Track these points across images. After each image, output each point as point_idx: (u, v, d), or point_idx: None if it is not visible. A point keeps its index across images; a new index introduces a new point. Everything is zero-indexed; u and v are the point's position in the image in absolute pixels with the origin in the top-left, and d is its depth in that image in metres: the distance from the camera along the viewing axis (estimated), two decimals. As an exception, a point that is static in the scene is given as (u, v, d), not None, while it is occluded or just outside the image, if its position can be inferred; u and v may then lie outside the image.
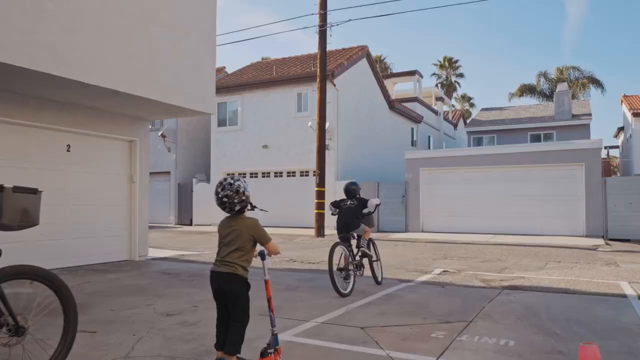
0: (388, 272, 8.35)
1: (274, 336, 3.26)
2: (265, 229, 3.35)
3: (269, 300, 3.30)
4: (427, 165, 18.12)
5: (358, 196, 7.00)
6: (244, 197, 3.23)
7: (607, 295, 6.29)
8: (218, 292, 3.21)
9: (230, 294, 3.17)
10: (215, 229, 16.31)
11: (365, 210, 6.91)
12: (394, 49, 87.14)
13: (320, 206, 16.06)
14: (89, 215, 8.86)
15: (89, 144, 8.90)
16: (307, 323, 4.64)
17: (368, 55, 23.06)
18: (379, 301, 5.71)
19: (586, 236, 15.14)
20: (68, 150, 8.57)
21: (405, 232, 17.83)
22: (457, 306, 5.47)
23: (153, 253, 10.68)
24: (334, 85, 19.67)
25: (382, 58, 49.81)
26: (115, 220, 9.34)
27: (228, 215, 3.31)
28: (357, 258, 6.66)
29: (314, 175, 16.01)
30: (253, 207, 3.42)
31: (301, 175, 20.47)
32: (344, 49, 23.09)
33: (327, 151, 19.00)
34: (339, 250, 6.29)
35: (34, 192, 3.20)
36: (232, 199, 3.21)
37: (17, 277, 3.03)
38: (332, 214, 7.05)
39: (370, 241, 6.99)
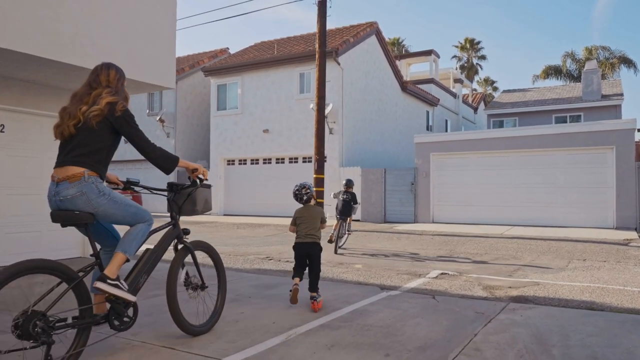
0: (373, 274, 6.95)
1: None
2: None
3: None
4: (438, 150, 16.53)
5: (351, 190, 9.78)
6: (309, 191, 5.12)
7: (646, 312, 4.81)
8: (304, 255, 4.96)
9: (314, 255, 4.95)
10: (214, 218, 15.40)
11: (354, 205, 9.77)
12: (413, 33, 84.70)
13: (318, 195, 14.59)
14: (30, 207, 7.63)
15: (28, 123, 7.65)
16: (216, 363, 3.30)
17: (378, 33, 21.33)
18: (336, 323, 4.31)
19: (616, 228, 13.46)
20: (2, 131, 7.36)
21: (414, 223, 16.34)
22: (440, 332, 4.05)
23: (116, 248, 9.48)
24: (338, 64, 18.15)
25: (399, 41, 47.76)
26: (64, 212, 8.11)
27: (302, 205, 5.18)
28: (347, 232, 9.83)
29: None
30: (317, 202, 5.39)
31: (304, 162, 19.08)
32: (351, 26, 21.46)
33: (330, 135, 17.58)
34: (337, 225, 9.42)
35: (209, 187, 4.08)
36: (302, 192, 5.12)
37: (199, 249, 4.12)
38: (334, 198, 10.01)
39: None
